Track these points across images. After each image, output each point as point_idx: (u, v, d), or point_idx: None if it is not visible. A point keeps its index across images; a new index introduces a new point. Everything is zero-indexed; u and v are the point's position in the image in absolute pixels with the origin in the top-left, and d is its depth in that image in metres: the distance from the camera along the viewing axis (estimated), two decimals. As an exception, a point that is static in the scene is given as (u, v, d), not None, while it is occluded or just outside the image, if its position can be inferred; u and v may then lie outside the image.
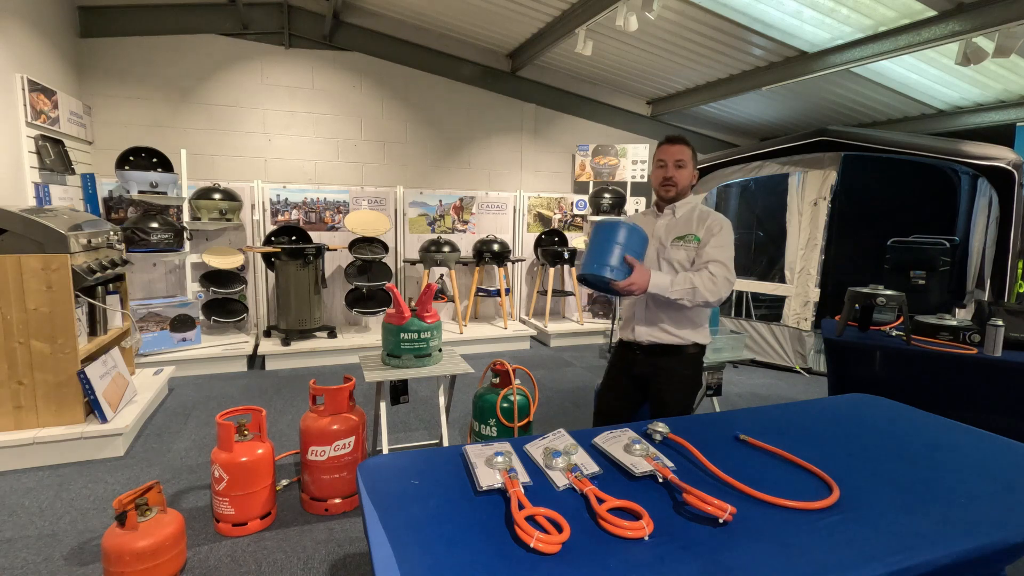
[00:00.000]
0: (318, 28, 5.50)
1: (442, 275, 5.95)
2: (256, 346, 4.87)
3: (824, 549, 1.01)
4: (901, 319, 3.08)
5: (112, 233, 3.48)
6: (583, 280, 1.91)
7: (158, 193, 4.58)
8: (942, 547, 1.03)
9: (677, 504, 1.16)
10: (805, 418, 1.74)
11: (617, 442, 1.41)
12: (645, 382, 2.14)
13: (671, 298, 1.90)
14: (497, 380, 2.55)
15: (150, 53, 5.02)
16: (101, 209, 4.72)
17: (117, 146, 4.71)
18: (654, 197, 2.16)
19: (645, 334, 2.09)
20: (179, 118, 5.19)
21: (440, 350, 2.75)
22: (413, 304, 2.66)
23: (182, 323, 4.59)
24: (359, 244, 5.41)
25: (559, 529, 1.04)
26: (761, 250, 6.69)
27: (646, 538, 1.03)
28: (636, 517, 1.09)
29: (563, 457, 1.32)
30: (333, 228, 5.63)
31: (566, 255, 5.99)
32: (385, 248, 5.48)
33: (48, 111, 4.01)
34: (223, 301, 5.03)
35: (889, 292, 2.97)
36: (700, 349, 2.11)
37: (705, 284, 1.89)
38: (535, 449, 1.40)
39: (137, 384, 3.61)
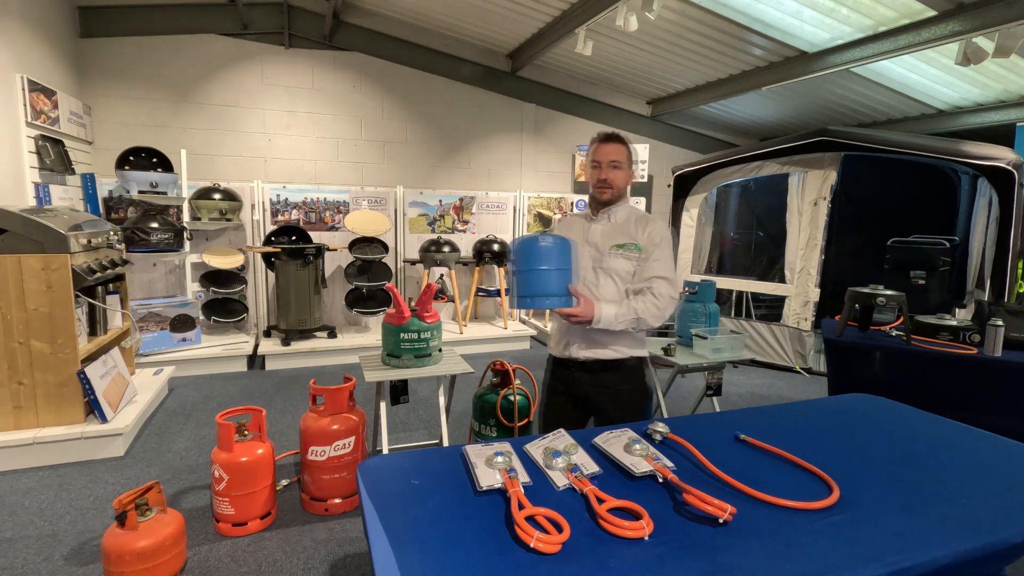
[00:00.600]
0: (318, 28, 5.50)
1: (442, 275, 5.95)
2: (256, 346, 4.87)
3: (824, 549, 1.01)
4: (901, 319, 3.08)
5: (112, 233, 3.48)
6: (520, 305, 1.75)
7: (158, 193, 4.58)
8: (942, 547, 1.02)
9: (677, 504, 1.16)
10: (805, 418, 1.74)
11: (617, 442, 1.40)
12: (587, 401, 1.99)
13: (616, 330, 1.80)
14: (497, 380, 2.55)
15: (150, 53, 5.02)
16: (101, 209, 4.72)
17: (117, 146, 4.71)
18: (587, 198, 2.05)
19: (582, 351, 1.94)
20: (179, 118, 5.19)
21: (440, 350, 2.75)
22: (413, 304, 2.66)
23: (182, 323, 4.59)
24: (359, 244, 5.41)
25: (559, 529, 1.04)
26: (761, 250, 6.70)
27: (646, 538, 1.03)
28: (636, 517, 1.09)
29: (563, 457, 1.32)
30: (333, 228, 5.63)
31: (566, 255, 5.98)
32: (385, 248, 5.48)
33: (48, 111, 4.01)
34: (223, 301, 5.03)
35: (889, 292, 2.97)
36: (641, 361, 1.98)
37: (649, 310, 1.79)
38: (535, 449, 1.40)
39: (137, 384, 3.61)
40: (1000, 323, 2.69)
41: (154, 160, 4.65)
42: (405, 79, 5.96)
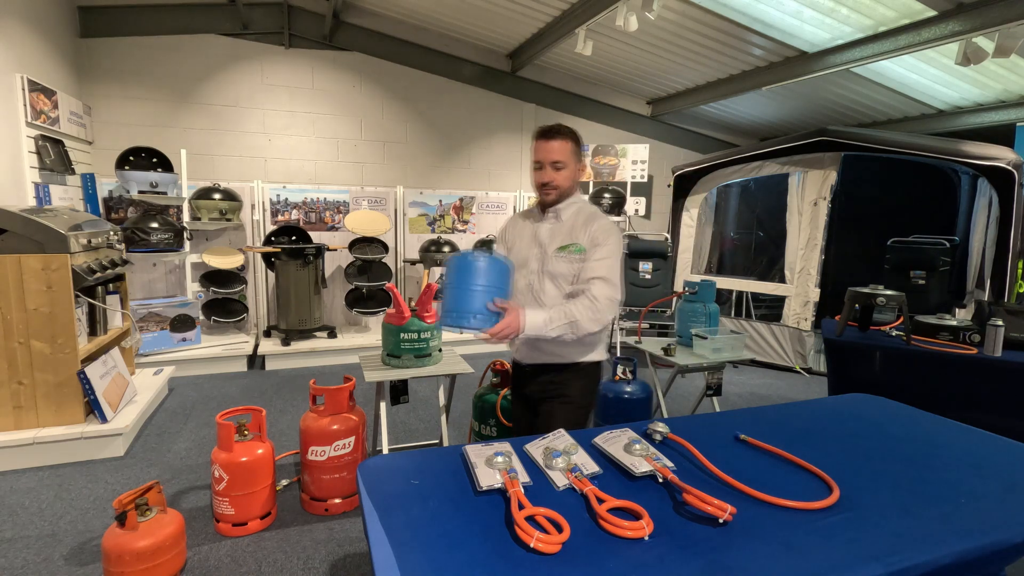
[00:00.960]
0: (318, 28, 5.50)
1: (442, 275, 5.94)
2: (256, 346, 4.87)
3: (824, 549, 1.01)
4: (901, 319, 3.07)
5: (112, 233, 3.48)
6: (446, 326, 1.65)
7: (158, 193, 4.58)
8: (942, 547, 1.02)
9: (677, 504, 1.16)
10: (805, 418, 1.74)
11: (617, 442, 1.40)
12: (531, 401, 1.94)
13: (551, 336, 1.66)
14: (497, 380, 2.55)
15: (150, 53, 5.02)
16: (101, 209, 4.72)
17: (117, 146, 4.71)
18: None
19: (527, 356, 1.88)
20: (179, 118, 5.19)
21: (440, 350, 2.75)
22: (413, 304, 2.66)
23: (182, 323, 4.59)
24: (359, 244, 5.41)
25: (559, 529, 1.04)
26: (761, 250, 6.70)
27: (646, 538, 1.03)
28: (636, 517, 1.09)
29: (563, 457, 1.32)
30: (333, 228, 5.63)
31: (566, 255, 5.98)
32: (385, 248, 5.48)
33: (48, 111, 4.01)
34: (223, 301, 5.03)
35: (889, 292, 2.97)
36: (593, 367, 1.88)
37: (584, 313, 1.66)
38: (535, 449, 1.40)
39: (137, 384, 3.61)
40: (1000, 323, 2.69)
41: (154, 160, 4.65)
42: (405, 79, 5.96)
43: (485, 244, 5.77)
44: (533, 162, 1.81)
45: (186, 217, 4.79)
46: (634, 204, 6.47)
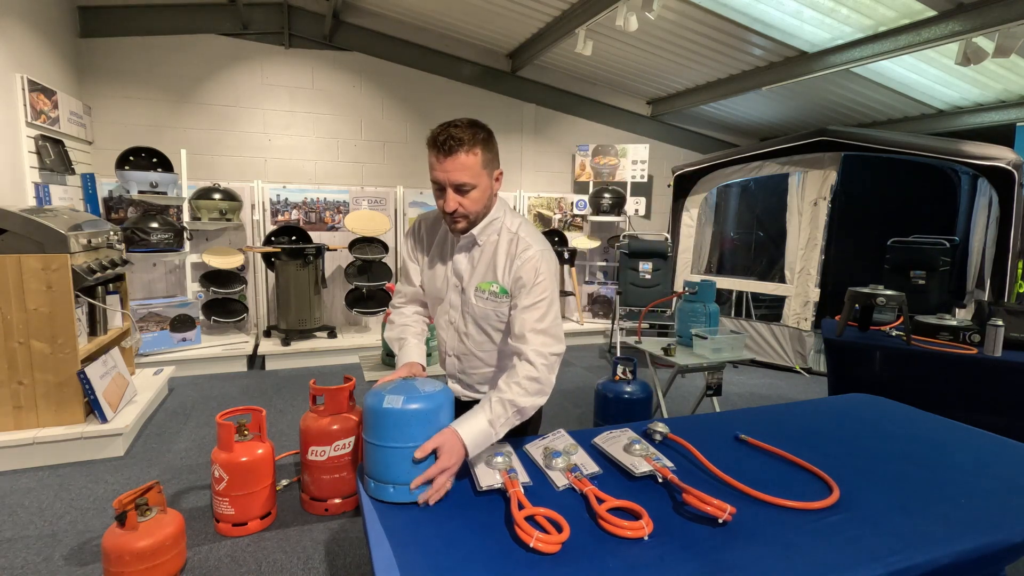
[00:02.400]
0: (318, 28, 5.50)
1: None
2: (256, 346, 4.87)
3: (824, 549, 1.01)
4: (901, 319, 3.07)
5: (112, 233, 3.48)
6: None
7: (158, 193, 4.58)
8: (942, 547, 1.02)
9: (677, 504, 1.16)
10: (805, 418, 1.74)
11: (617, 442, 1.41)
12: None
13: (500, 437, 1.29)
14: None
15: (150, 53, 5.02)
16: (101, 209, 4.72)
17: (117, 146, 4.71)
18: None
19: (461, 393, 1.60)
20: (179, 118, 5.19)
21: (440, 350, 2.74)
22: (413, 304, 2.65)
23: (182, 323, 4.59)
24: (359, 244, 5.41)
25: (559, 529, 1.04)
26: (761, 250, 6.70)
27: (646, 538, 1.03)
28: (636, 517, 1.09)
29: (563, 457, 1.32)
30: (333, 228, 5.63)
31: (566, 255, 5.99)
32: (385, 248, 5.48)
33: (48, 111, 4.01)
34: (223, 301, 5.03)
35: (889, 292, 2.97)
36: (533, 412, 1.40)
37: (527, 389, 1.30)
38: (535, 449, 1.40)
39: (137, 384, 3.61)
40: (1000, 323, 2.69)
41: (154, 160, 4.65)
42: (405, 79, 5.96)
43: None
44: (432, 180, 1.35)
45: (186, 217, 4.79)
46: (634, 204, 6.47)
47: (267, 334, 5.20)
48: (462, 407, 1.44)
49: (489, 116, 6.38)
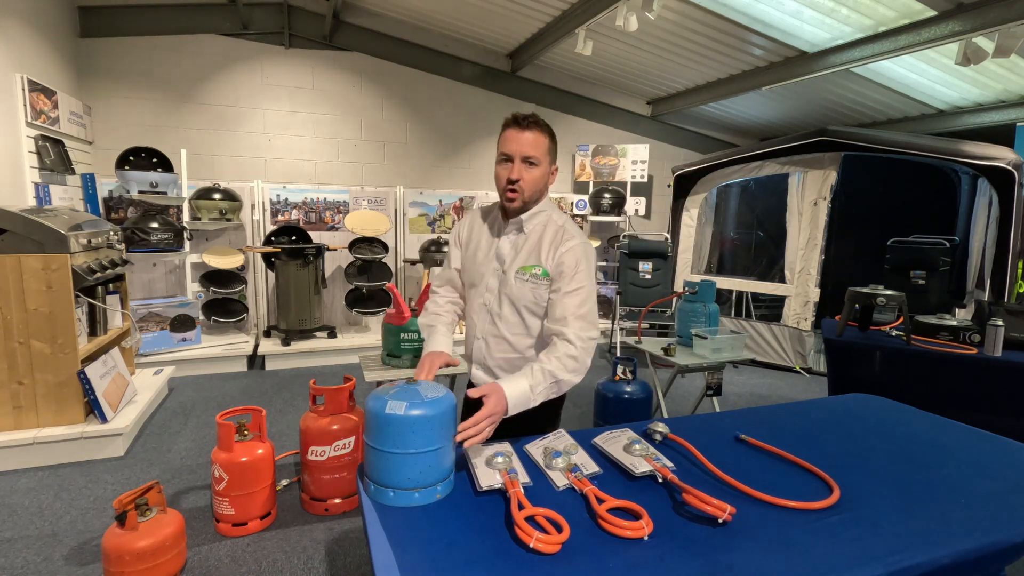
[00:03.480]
0: (318, 28, 5.50)
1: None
2: (256, 346, 4.87)
3: (824, 549, 1.01)
4: (901, 319, 3.08)
5: (112, 233, 3.48)
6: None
7: (158, 193, 4.58)
8: (942, 547, 1.02)
9: (677, 504, 1.16)
10: (805, 418, 1.74)
11: (617, 442, 1.40)
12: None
13: (535, 405, 1.39)
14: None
15: (150, 53, 5.02)
16: (101, 209, 4.72)
17: (117, 146, 4.71)
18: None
19: (482, 379, 1.65)
20: (179, 118, 5.19)
21: (440, 350, 2.74)
22: (413, 304, 2.66)
23: (182, 323, 4.59)
24: (359, 244, 5.41)
25: (559, 529, 1.04)
26: (761, 250, 6.70)
27: (646, 538, 1.03)
28: (636, 517, 1.09)
29: (563, 457, 1.32)
30: (333, 228, 5.63)
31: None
32: (385, 248, 5.48)
33: (48, 111, 4.01)
34: (223, 301, 5.03)
35: (889, 292, 2.97)
36: (555, 400, 1.53)
37: (566, 365, 1.40)
38: (535, 449, 1.40)
39: (137, 384, 3.61)
40: (1000, 323, 2.69)
41: (154, 160, 4.65)
42: (405, 79, 5.96)
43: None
44: (500, 154, 1.51)
45: (186, 217, 4.79)
46: (634, 204, 6.47)
47: (267, 334, 5.20)
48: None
49: (489, 116, 6.38)
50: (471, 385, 1.70)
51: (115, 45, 4.91)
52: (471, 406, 1.41)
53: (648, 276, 5.40)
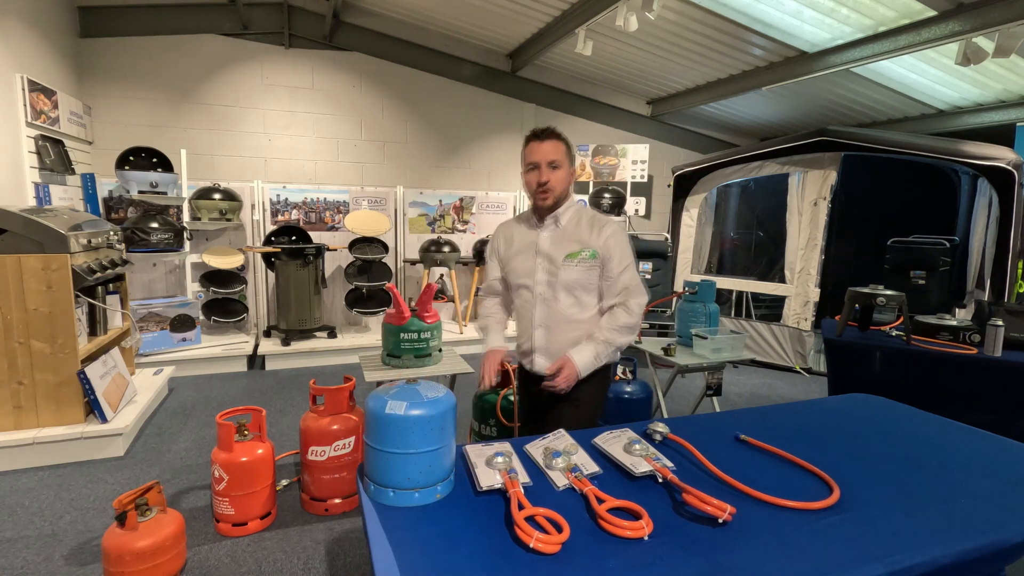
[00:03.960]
0: (318, 28, 5.50)
1: (442, 275, 5.94)
2: (256, 346, 4.87)
3: (824, 549, 1.01)
4: (901, 319, 3.08)
5: (112, 233, 3.48)
6: None
7: (158, 193, 4.58)
8: (942, 547, 1.02)
9: (677, 504, 1.16)
10: (805, 418, 1.74)
11: (617, 442, 1.41)
12: (543, 404, 1.89)
13: (601, 364, 1.76)
14: (497, 380, 2.55)
15: (150, 53, 5.02)
16: (101, 209, 4.72)
17: (117, 146, 4.71)
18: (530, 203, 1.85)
19: (544, 366, 1.84)
20: (179, 118, 5.19)
21: (440, 350, 2.75)
22: (413, 304, 2.66)
23: (182, 323, 4.59)
24: (359, 244, 5.41)
25: (559, 529, 1.04)
26: (761, 250, 6.70)
27: (646, 538, 1.03)
28: (636, 517, 1.09)
29: (563, 457, 1.32)
30: (333, 228, 5.63)
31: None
32: (385, 248, 5.48)
33: (48, 111, 4.01)
34: (223, 301, 5.03)
35: (889, 292, 2.96)
36: (603, 368, 1.83)
37: (622, 332, 1.74)
38: (535, 449, 1.40)
39: (137, 384, 3.61)
40: (1000, 323, 2.69)
41: (154, 160, 4.65)
42: (405, 79, 5.96)
43: (484, 245, 5.74)
44: (526, 164, 1.76)
45: (186, 217, 4.79)
46: (634, 204, 6.47)
47: (267, 334, 5.19)
48: (535, 377, 1.87)
49: (489, 116, 6.38)
50: (525, 372, 1.96)
51: (115, 45, 4.91)
52: (526, 377, 1.93)
53: (648, 276, 5.40)
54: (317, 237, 5.42)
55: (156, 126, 5.11)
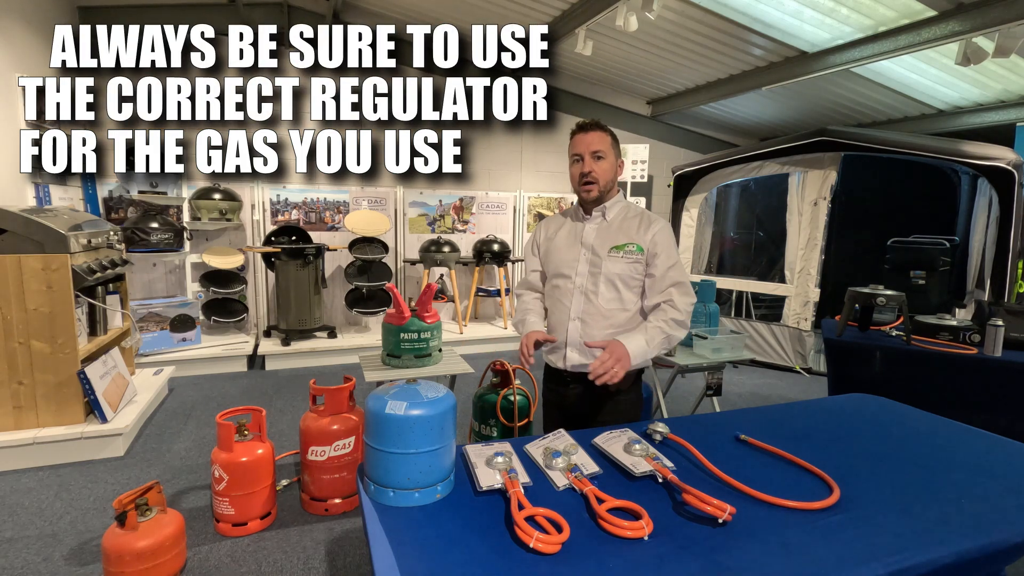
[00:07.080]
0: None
1: (442, 275, 5.94)
2: (256, 346, 4.87)
3: (824, 549, 1.01)
4: (901, 319, 3.08)
5: (112, 233, 3.48)
6: None
7: (158, 193, 4.57)
8: (942, 547, 1.02)
9: (677, 504, 1.16)
10: (805, 418, 1.74)
11: (617, 442, 1.40)
12: (579, 413, 1.81)
13: (650, 357, 1.67)
14: (497, 380, 2.55)
15: (150, 53, 5.01)
16: (101, 209, 4.72)
17: (117, 146, 4.70)
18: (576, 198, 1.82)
19: (577, 361, 1.76)
20: (179, 118, 5.18)
21: (440, 350, 2.75)
22: (413, 304, 2.66)
23: (182, 323, 4.59)
24: (359, 244, 5.40)
25: (559, 529, 1.04)
26: (761, 250, 6.69)
27: (646, 538, 1.03)
28: (636, 517, 1.09)
29: (563, 457, 1.32)
30: (333, 228, 5.63)
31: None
32: (385, 248, 5.48)
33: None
34: (223, 301, 5.03)
35: (889, 292, 2.96)
36: (637, 373, 1.81)
37: (675, 326, 1.66)
38: (535, 449, 1.40)
39: (137, 384, 3.61)
40: (1000, 323, 2.69)
41: (154, 160, 4.65)
42: (405, 79, 5.95)
43: (487, 244, 5.74)
44: (571, 156, 1.74)
45: (186, 217, 4.79)
46: (630, 200, 6.46)
47: (267, 334, 5.19)
48: (567, 379, 1.80)
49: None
50: (553, 372, 1.86)
51: (115, 45, 4.90)
52: (554, 378, 1.84)
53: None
54: (317, 237, 5.42)
55: (156, 126, 5.10)
